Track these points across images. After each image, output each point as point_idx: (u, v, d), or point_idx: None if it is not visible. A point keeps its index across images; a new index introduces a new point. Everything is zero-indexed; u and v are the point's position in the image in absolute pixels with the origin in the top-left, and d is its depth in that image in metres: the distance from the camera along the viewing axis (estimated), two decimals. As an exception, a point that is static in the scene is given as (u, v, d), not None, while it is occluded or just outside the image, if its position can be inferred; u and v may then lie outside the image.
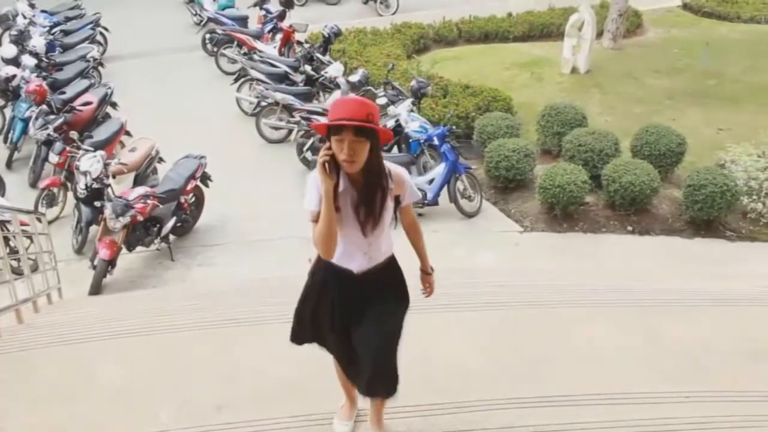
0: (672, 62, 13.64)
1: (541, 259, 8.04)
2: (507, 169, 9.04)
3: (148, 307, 6.16)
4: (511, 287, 5.97)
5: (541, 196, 8.60)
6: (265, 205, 8.91)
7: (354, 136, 2.91)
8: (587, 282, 6.44)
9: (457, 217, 8.76)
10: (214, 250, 8.22)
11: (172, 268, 7.93)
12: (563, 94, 11.98)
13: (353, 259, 3.23)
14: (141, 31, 16.06)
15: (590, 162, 9.02)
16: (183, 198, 8.17)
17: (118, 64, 14.09)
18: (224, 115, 11.72)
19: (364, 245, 3.21)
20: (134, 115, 10.53)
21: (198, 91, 12.80)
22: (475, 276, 6.84)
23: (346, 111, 2.92)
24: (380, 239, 3.23)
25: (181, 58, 14.52)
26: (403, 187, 3.26)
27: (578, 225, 8.62)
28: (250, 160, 10.30)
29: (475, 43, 15.07)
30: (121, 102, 11.01)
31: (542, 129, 10.18)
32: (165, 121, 11.21)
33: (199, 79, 13.35)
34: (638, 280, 6.67)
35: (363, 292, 3.29)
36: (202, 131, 11.00)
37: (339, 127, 2.90)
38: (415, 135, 9.06)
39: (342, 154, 2.93)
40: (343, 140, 2.91)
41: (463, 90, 11.14)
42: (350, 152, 2.92)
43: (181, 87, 13.08)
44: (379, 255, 3.28)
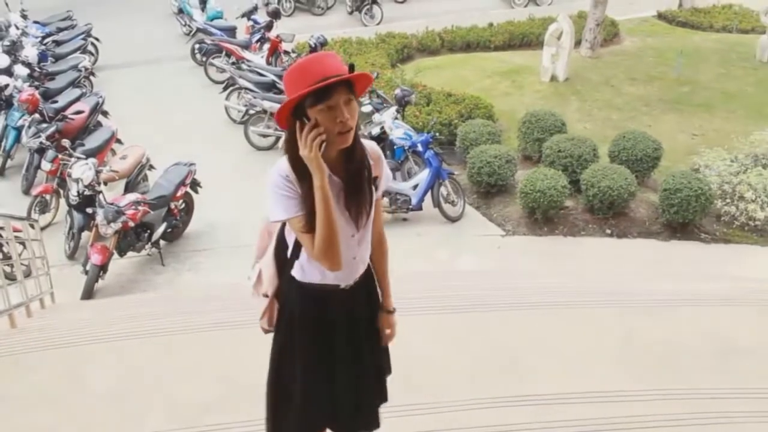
0: (647, 70, 13.75)
1: (523, 262, 8.08)
2: (489, 175, 9.08)
3: (139, 311, 6.14)
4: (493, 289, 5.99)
5: (522, 200, 8.64)
6: (253, 210, 8.87)
7: (347, 93, 2.31)
8: (567, 284, 6.47)
9: (440, 221, 8.78)
10: (203, 255, 8.20)
11: (163, 272, 7.90)
12: (543, 102, 12.05)
13: (345, 269, 2.56)
14: (131, 41, 16.01)
15: (569, 167, 9.08)
16: (173, 204, 8.16)
17: (109, 73, 14.04)
18: (213, 123, 11.70)
19: (354, 246, 2.60)
20: (125, 124, 10.51)
21: (187, 99, 12.77)
22: (458, 278, 6.86)
23: (323, 68, 2.29)
24: (367, 235, 2.65)
25: (170, 67, 14.48)
26: (380, 166, 2.64)
27: (558, 228, 8.66)
28: (238, 166, 10.29)
29: (458, 52, 15.13)
30: (112, 110, 10.97)
31: (523, 135, 10.24)
32: (155, 129, 11.19)
33: (188, 88, 13.32)
34: (616, 281, 6.71)
35: (353, 316, 2.73)
36: (191, 139, 10.98)
37: (324, 90, 2.27)
38: (400, 142, 9.08)
39: (337, 124, 2.30)
40: (335, 105, 2.29)
41: (446, 98, 11.18)
42: (349, 115, 2.31)
43: (171, 96, 13.05)
44: (366, 255, 2.71)
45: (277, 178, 2.42)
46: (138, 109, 12.21)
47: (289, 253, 2.65)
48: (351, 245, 2.57)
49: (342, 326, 2.71)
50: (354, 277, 2.66)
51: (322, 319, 2.67)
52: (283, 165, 2.44)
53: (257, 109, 10.70)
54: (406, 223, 8.69)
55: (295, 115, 2.35)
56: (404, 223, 8.65)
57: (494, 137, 9.87)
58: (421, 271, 7.17)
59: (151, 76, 14.15)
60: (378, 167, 2.61)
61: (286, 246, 2.66)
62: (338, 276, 2.58)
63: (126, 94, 12.85)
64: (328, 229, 2.36)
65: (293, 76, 2.33)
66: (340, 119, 2.30)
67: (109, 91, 11.61)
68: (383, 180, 2.66)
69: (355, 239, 2.59)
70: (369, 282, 2.79)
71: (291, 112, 2.35)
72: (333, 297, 2.65)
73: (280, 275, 2.70)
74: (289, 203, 2.40)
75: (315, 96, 2.27)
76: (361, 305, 2.75)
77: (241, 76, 11.55)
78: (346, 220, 2.51)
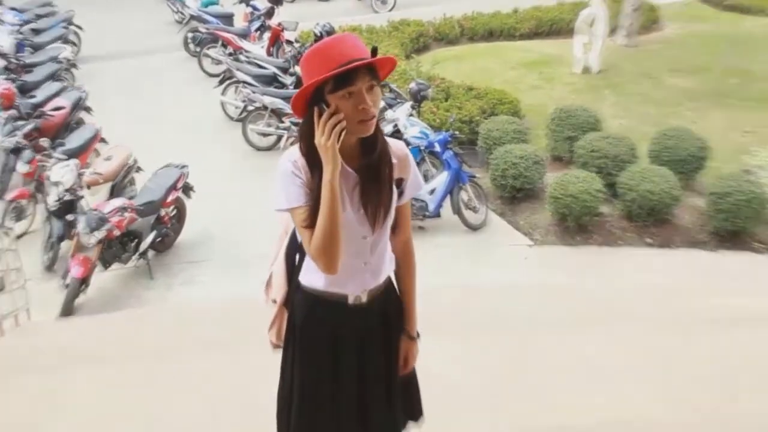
0: (691, 60, 13.68)
1: (552, 275, 8.02)
2: (514, 178, 9.04)
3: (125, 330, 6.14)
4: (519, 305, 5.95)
5: (552, 206, 8.59)
6: (252, 217, 8.88)
7: (370, 79, 2.34)
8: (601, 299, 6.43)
9: (460, 230, 8.74)
10: (197, 268, 8.19)
11: (152, 287, 7.89)
12: (574, 96, 12.00)
13: (351, 276, 2.59)
14: (118, 29, 16.10)
15: (605, 169, 9.02)
16: (163, 210, 8.15)
17: (92, 65, 14.10)
18: (208, 121, 11.72)
19: (365, 250, 2.59)
20: (110, 121, 10.52)
21: (179, 94, 12.80)
22: (480, 293, 6.82)
23: (345, 52, 2.32)
24: (383, 240, 2.63)
25: (161, 58, 14.54)
26: (407, 168, 2.63)
27: (592, 237, 8.60)
28: (236, 169, 10.29)
29: (479, 41, 15.12)
30: (95, 107, 10.99)
31: (552, 134, 10.20)
32: (143, 127, 11.21)
33: (180, 82, 13.36)
34: (657, 296, 6.66)
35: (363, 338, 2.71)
36: (183, 138, 11.00)
37: (346, 75, 2.30)
38: (415, 141, 9.05)
39: (359, 111, 2.33)
40: (357, 91, 2.32)
41: (467, 92, 11.16)
42: (372, 102, 2.34)
43: (161, 90, 13.09)
44: (383, 265, 2.68)
45: (286, 163, 2.46)
46: (124, 105, 12.26)
47: (299, 255, 2.67)
48: (362, 249, 2.57)
49: (350, 348, 2.68)
50: (364, 288, 2.64)
51: (326, 335, 2.66)
52: (294, 151, 2.49)
53: (257, 105, 10.71)
54: (422, 232, 8.65)
55: (312, 101, 2.38)
56: (420, 232, 8.61)
57: (520, 136, 9.83)
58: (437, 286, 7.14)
59: (139, 68, 14.21)
60: (404, 168, 2.61)
61: (297, 246, 2.67)
62: (343, 283, 2.58)
63: (111, 88, 12.90)
64: (329, 226, 2.36)
65: (312, 59, 2.35)
66: (362, 106, 2.33)
67: (92, 86, 11.64)
68: (411, 183, 2.65)
69: (368, 242, 2.57)
70: (387, 300, 2.76)
71: (308, 98, 2.39)
72: (340, 311, 2.63)
73: (290, 280, 2.72)
74: (294, 192, 2.43)
75: (336, 81, 2.31)
76: (374, 326, 2.72)
77: (239, 68, 11.57)
78: (359, 219, 2.52)
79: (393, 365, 2.81)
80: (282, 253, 2.76)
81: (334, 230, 2.36)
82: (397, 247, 2.76)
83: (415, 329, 2.86)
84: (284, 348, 2.76)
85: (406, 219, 2.75)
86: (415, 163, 2.72)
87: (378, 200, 2.51)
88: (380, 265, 2.66)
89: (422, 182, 2.78)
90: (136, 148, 9.18)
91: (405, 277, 2.83)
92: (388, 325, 2.78)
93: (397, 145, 2.62)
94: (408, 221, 2.80)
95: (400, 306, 2.82)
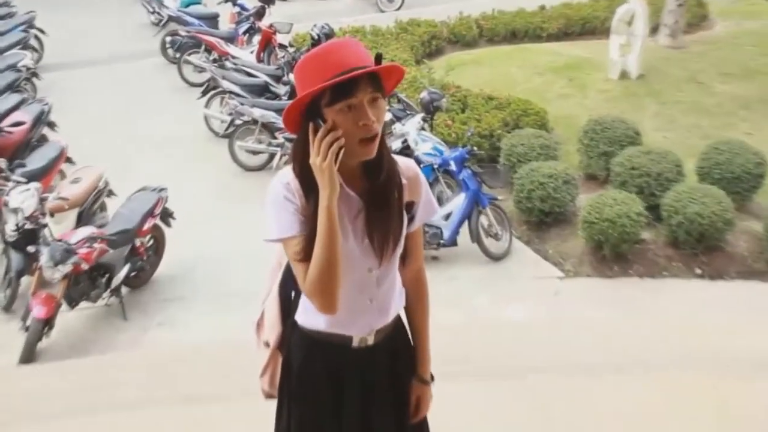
0: (746, 62, 13.71)
1: (587, 312, 8.00)
2: (542, 200, 9.05)
3: (93, 378, 6.14)
4: (549, 347, 5.95)
5: (586, 232, 8.59)
6: (242, 248, 8.89)
7: (373, 91, 2.34)
8: (643, 340, 6.41)
9: (480, 260, 8.74)
10: (177, 306, 8.20)
11: (125, 329, 7.90)
12: (610, 105, 12.03)
13: (356, 315, 2.61)
14: (86, 33, 16.24)
15: (646, 189, 9.03)
16: (139, 240, 8.18)
17: (57, 74, 14.21)
18: (190, 137, 11.79)
19: (371, 285, 2.60)
20: (78, 138, 10.57)
21: (157, 107, 12.88)
22: (502, 331, 6.82)
23: (344, 59, 2.31)
24: (392, 273, 2.65)
25: (135, 66, 14.64)
26: (419, 190, 2.65)
27: (633, 268, 8.59)
28: (222, 192, 10.34)
29: (500, 43, 15.20)
30: (60, 122, 11.04)
31: (585, 149, 10.22)
32: (116, 145, 11.28)
33: (158, 93, 13.44)
34: (710, 336, 6.64)
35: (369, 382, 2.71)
36: (162, 157, 11.06)
37: (345, 86, 2.29)
38: (427, 159, 9.08)
39: (359, 128, 2.33)
40: (358, 104, 2.32)
41: (486, 102, 11.21)
42: (375, 117, 2.34)
43: (136, 102, 13.17)
44: (391, 300, 2.70)
45: (278, 186, 2.46)
46: (94, 119, 12.33)
47: (295, 291, 2.67)
48: (367, 284, 2.58)
49: (353, 395, 2.69)
50: (371, 328, 2.65)
51: (326, 381, 2.66)
52: (287, 172, 2.49)
53: (245, 118, 10.77)
54: (436, 262, 8.66)
55: (307, 116, 2.39)
56: (433, 263, 8.62)
57: (548, 152, 9.86)
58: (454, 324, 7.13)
59: (110, 77, 14.30)
60: (415, 190, 2.62)
61: (292, 280, 2.64)
62: (347, 323, 2.59)
63: (78, 100, 12.99)
64: (327, 259, 2.34)
65: (307, 67, 2.36)
66: (363, 122, 2.32)
67: (56, 97, 11.73)
68: (423, 207, 2.66)
69: (374, 276, 2.58)
70: (396, 339, 2.78)
71: (302, 112, 2.40)
72: (342, 354, 2.64)
73: (284, 319, 2.73)
74: (287, 219, 2.42)
75: (334, 92, 2.30)
76: (381, 369, 2.73)
77: (225, 76, 11.64)
78: (363, 250, 2.52)
79: (403, 413, 2.83)
80: (275, 289, 2.78)
81: (332, 264, 2.34)
82: (408, 279, 2.79)
83: (429, 372, 2.88)
84: (278, 397, 2.77)
85: (417, 248, 2.78)
86: (428, 183, 2.74)
87: (386, 228, 2.51)
88: (389, 301, 2.67)
89: (436, 206, 2.79)
90: (107, 169, 9.22)
91: (417, 313, 2.85)
92: (397, 368, 2.80)
93: (407, 163, 2.64)
94: (420, 250, 2.83)
95: (411, 345, 2.83)
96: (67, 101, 12.42)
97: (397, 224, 2.55)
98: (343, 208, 2.43)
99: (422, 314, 2.85)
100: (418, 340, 2.85)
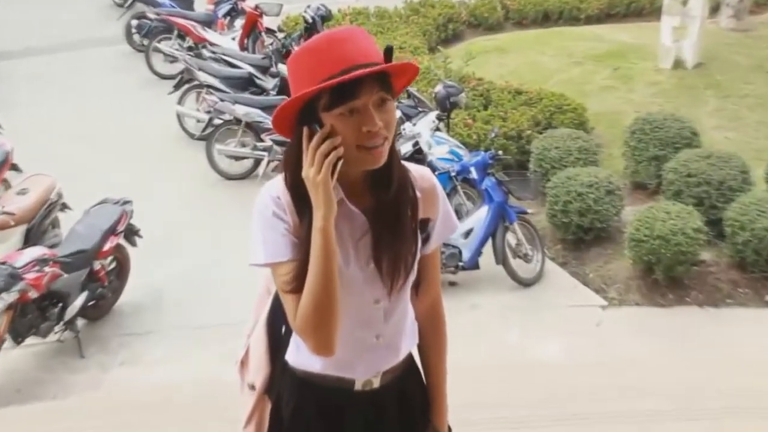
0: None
1: (635, 347, 7.98)
2: (581, 214, 9.04)
3: (44, 428, 6.13)
4: (589, 389, 5.92)
5: (634, 252, 8.56)
6: (221, 272, 8.91)
7: (381, 92, 2.30)
8: (706, 382, 6.39)
9: (507, 285, 8.72)
10: (143, 342, 8.19)
11: (82, 369, 7.89)
12: (662, 100, 12.05)
13: (359, 354, 2.57)
14: (38, 18, 16.27)
15: (706, 200, 9.01)
16: (98, 263, 8.18)
17: (2, 65, 14.23)
18: (160, 140, 11.81)
19: (377, 319, 2.57)
20: (25, 141, 10.61)
21: (121, 104, 12.91)
22: (535, 375, 6.79)
23: (347, 53, 2.28)
24: (403, 304, 2.61)
25: (94, 55, 14.68)
26: (435, 204, 2.63)
27: (690, 295, 8.57)
28: (198, 206, 10.36)
29: (530, 27, 15.26)
30: (5, 121, 11.08)
31: (632, 152, 10.22)
32: (72, 149, 11.30)
33: (122, 86, 13.47)
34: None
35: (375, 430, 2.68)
36: (126, 164, 11.08)
37: (349, 87, 2.25)
38: (443, 165, 9.08)
39: (362, 135, 2.29)
40: (361, 107, 2.28)
41: (513, 97, 11.23)
42: (382, 122, 2.30)
43: (96, 98, 13.20)
44: (402, 336, 2.67)
45: (266, 200, 2.43)
46: (46, 118, 12.36)
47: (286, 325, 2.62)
48: (374, 318, 2.55)
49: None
50: (377, 370, 2.62)
51: (323, 430, 2.63)
52: (277, 184, 2.46)
53: (226, 117, 10.79)
54: (455, 289, 8.65)
55: (301, 118, 2.34)
56: (452, 290, 8.61)
57: (588, 156, 9.87)
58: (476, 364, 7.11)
59: (66, 68, 14.34)
60: (431, 204, 2.60)
61: (284, 312, 2.59)
62: (349, 364, 2.55)
63: (26, 96, 13.02)
64: (322, 291, 2.30)
65: (302, 62, 2.33)
66: (367, 128, 2.28)
67: (1, 92, 11.75)
68: (440, 224, 2.64)
69: (381, 308, 2.55)
70: (406, 379, 2.75)
71: (296, 114, 2.36)
72: (343, 399, 2.61)
73: (273, 358, 2.70)
74: (276, 241, 2.39)
75: (333, 94, 2.27)
76: (389, 416, 2.68)
77: (202, 67, 11.66)
78: (368, 278, 2.49)
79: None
80: (263, 321, 2.74)
81: (328, 296, 2.31)
82: (422, 310, 2.76)
83: (445, 422, 2.85)
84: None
85: (433, 272, 2.75)
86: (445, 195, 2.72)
87: (396, 251, 2.48)
88: (398, 338, 2.65)
89: (456, 222, 2.77)
90: (61, 178, 9.24)
91: (432, 351, 2.82)
92: (408, 415, 2.77)
93: (421, 172, 2.62)
94: (437, 275, 2.80)
95: (425, 388, 2.81)
96: (13, 97, 12.45)
97: (410, 246, 2.52)
98: (344, 228, 2.42)
99: (438, 352, 2.83)
100: (433, 383, 2.82)
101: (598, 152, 10.14)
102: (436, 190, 2.63)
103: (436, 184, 2.64)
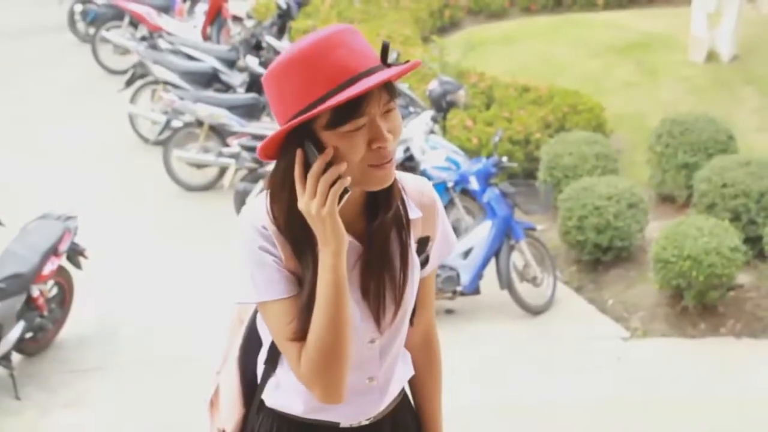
0: None
1: (662, 384, 8.02)
2: (598, 230, 9.08)
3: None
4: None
5: (660, 275, 8.60)
6: (179, 300, 8.92)
7: (386, 99, 2.28)
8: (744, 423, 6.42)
9: (514, 313, 8.75)
10: (90, 379, 8.21)
11: (17, 412, 7.90)
12: (694, 98, 12.10)
13: (349, 399, 2.49)
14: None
15: (744, 215, 9.06)
16: (37, 289, 8.19)
17: None
18: (109, 145, 11.82)
19: (371, 360, 2.58)
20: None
21: (63, 104, 12.92)
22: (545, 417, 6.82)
23: (346, 59, 2.24)
24: (398, 341, 2.63)
25: (33, 46, 14.69)
26: (435, 220, 2.64)
27: (725, 325, 8.60)
28: (155, 221, 10.37)
29: (539, 13, 15.34)
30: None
31: (658, 159, 10.27)
32: (3, 155, 11.29)
33: (64, 83, 13.48)
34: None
35: None
36: (69, 173, 11.09)
37: (354, 102, 2.21)
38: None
39: (372, 153, 2.28)
40: (370, 122, 2.26)
41: (520, 95, 11.29)
42: (390, 135, 2.28)
43: (34, 98, 13.20)
44: (393, 378, 2.67)
45: (249, 232, 2.39)
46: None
47: (262, 360, 2.63)
48: (367, 359, 2.55)
49: None
50: (367, 415, 2.64)
51: None
52: (259, 211, 2.42)
53: (186, 119, 10.80)
54: (452, 317, 8.67)
55: (293, 139, 2.30)
56: (448, 318, 8.64)
57: (607, 163, 9.93)
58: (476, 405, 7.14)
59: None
60: (430, 222, 2.61)
61: (258, 345, 2.64)
62: (336, 409, 2.52)
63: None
64: (332, 337, 2.30)
65: (291, 75, 2.27)
66: (378, 144, 2.27)
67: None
68: (439, 244, 2.65)
69: (377, 348, 2.56)
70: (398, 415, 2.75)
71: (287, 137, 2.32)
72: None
73: (247, 399, 2.70)
74: (268, 277, 2.36)
75: (339, 111, 2.23)
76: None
77: (158, 60, 11.67)
78: (363, 314, 2.48)
79: None
80: (234, 356, 2.75)
81: (339, 342, 2.32)
82: (414, 340, 2.76)
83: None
84: None
85: (428, 298, 2.74)
86: (443, 208, 2.72)
87: (394, 282, 2.48)
88: (390, 378, 2.66)
89: (454, 240, 2.78)
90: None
91: (426, 386, 2.84)
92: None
93: (420, 187, 2.62)
94: (431, 299, 2.79)
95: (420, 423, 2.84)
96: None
97: (405, 276, 2.50)
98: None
99: (433, 388, 2.84)
100: (428, 418, 2.85)
101: (618, 159, 10.19)
102: (435, 205, 2.63)
103: (436, 199, 2.64)
